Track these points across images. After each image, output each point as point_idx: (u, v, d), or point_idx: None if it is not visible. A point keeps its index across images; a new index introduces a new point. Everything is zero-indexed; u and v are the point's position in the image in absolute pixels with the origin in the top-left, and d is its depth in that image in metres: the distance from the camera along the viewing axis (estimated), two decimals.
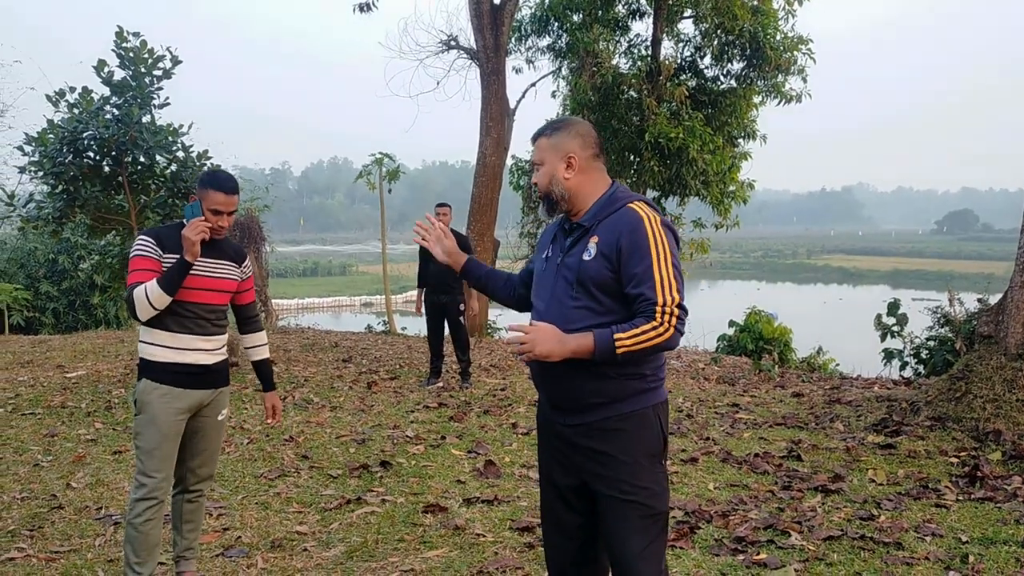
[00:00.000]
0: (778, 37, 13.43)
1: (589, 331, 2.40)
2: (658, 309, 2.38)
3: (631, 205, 2.53)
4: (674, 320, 2.39)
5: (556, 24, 14.61)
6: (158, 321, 3.36)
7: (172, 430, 3.39)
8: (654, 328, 2.37)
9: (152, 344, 3.39)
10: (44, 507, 4.75)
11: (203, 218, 3.33)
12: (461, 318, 8.32)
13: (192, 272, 3.35)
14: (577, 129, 2.60)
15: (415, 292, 8.81)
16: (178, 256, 3.29)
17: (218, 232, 3.43)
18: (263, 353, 3.78)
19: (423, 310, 8.50)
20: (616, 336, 2.37)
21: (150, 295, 3.25)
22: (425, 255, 8.32)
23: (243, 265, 3.61)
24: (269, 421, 3.79)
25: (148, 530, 3.35)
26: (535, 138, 2.65)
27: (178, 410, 3.39)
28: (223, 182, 3.40)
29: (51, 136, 7.83)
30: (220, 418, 3.59)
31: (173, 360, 3.38)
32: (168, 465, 3.41)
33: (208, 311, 3.44)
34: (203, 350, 3.44)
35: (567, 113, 14.85)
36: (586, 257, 2.48)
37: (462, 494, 4.95)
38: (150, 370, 3.40)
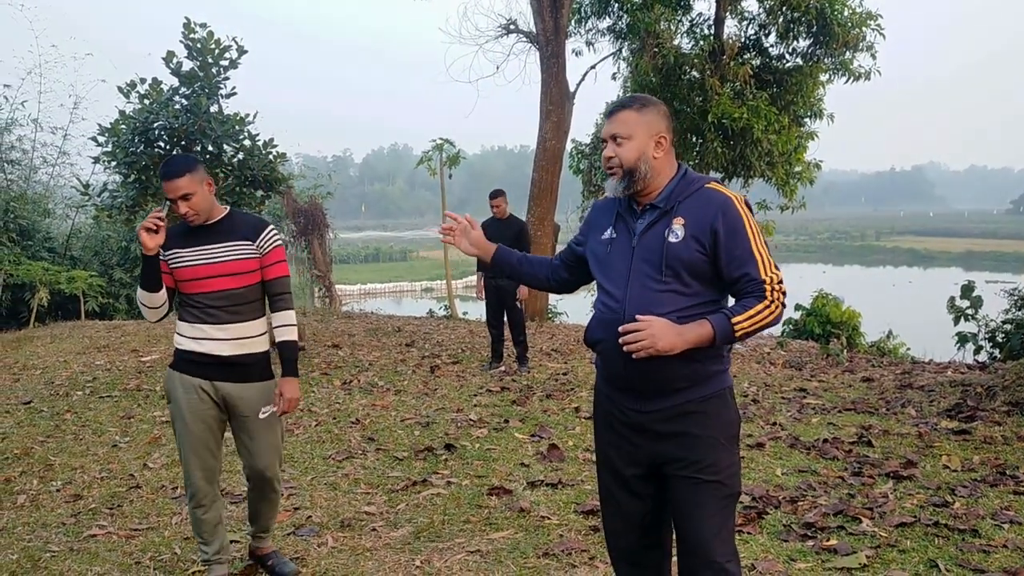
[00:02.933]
0: (846, 13, 13.03)
1: (701, 319, 2.38)
2: (767, 288, 2.39)
3: (711, 186, 2.51)
4: (781, 296, 2.42)
5: (616, 5, 14.42)
6: (180, 312, 3.40)
7: (192, 419, 3.34)
8: (766, 307, 2.39)
9: (177, 333, 3.42)
10: (123, 486, 4.92)
11: (159, 208, 3.24)
12: (518, 302, 8.34)
13: (183, 263, 3.30)
14: (664, 110, 2.56)
15: (475, 277, 8.86)
16: (176, 251, 3.31)
17: (187, 219, 3.28)
18: (285, 334, 3.44)
19: (484, 294, 8.53)
20: (734, 320, 2.37)
21: (138, 294, 3.32)
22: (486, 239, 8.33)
23: (259, 240, 3.38)
24: (275, 409, 3.43)
25: (201, 516, 3.44)
26: (617, 110, 2.53)
27: (199, 400, 3.34)
28: (163, 169, 3.25)
29: (123, 127, 8.04)
30: (262, 416, 3.41)
31: (189, 348, 3.35)
32: (197, 456, 3.37)
33: (216, 299, 3.30)
34: (218, 339, 3.31)
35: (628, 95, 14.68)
36: (672, 239, 2.43)
37: (526, 477, 4.97)
38: (174, 358, 3.43)
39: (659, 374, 2.41)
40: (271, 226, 3.45)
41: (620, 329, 2.34)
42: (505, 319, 8.54)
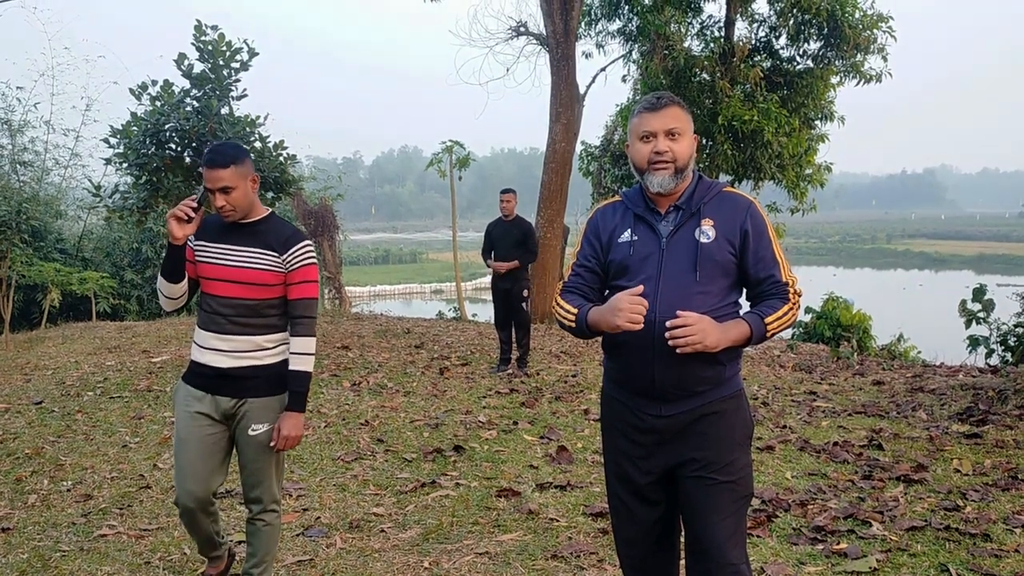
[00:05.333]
0: (857, 15, 12.99)
1: (736, 319, 2.42)
2: (791, 291, 2.46)
3: (729, 190, 2.55)
4: (799, 299, 2.49)
5: (626, 7, 14.42)
6: (197, 314, 3.18)
7: (187, 431, 3.11)
8: (790, 309, 2.45)
9: (192, 339, 3.21)
10: (133, 487, 4.94)
11: (192, 197, 2.99)
12: (523, 304, 8.36)
13: (207, 259, 3.09)
14: None
15: (485, 279, 8.89)
16: (203, 243, 3.11)
17: (223, 213, 3.04)
18: (298, 363, 3.11)
19: (493, 291, 8.57)
20: (767, 320, 2.41)
21: (158, 281, 3.08)
22: (491, 240, 8.38)
23: (287, 254, 3.09)
24: (271, 444, 3.12)
25: (189, 528, 3.27)
26: (666, 104, 2.46)
27: (196, 413, 3.11)
28: (207, 155, 2.99)
29: (135, 128, 8.08)
30: (252, 433, 3.11)
31: (193, 358, 3.14)
32: (186, 473, 3.11)
33: (224, 305, 3.05)
34: (218, 350, 3.07)
35: (638, 97, 14.68)
36: (704, 240, 2.43)
37: (535, 479, 4.97)
38: (187, 368, 3.23)
39: (686, 376, 2.41)
40: (306, 242, 3.16)
41: (668, 324, 2.30)
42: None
